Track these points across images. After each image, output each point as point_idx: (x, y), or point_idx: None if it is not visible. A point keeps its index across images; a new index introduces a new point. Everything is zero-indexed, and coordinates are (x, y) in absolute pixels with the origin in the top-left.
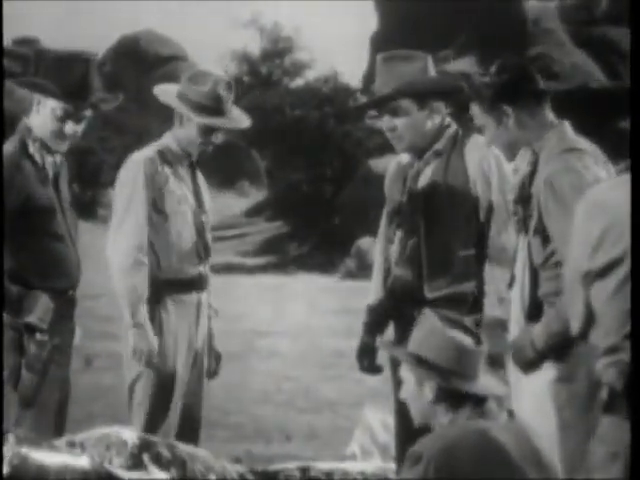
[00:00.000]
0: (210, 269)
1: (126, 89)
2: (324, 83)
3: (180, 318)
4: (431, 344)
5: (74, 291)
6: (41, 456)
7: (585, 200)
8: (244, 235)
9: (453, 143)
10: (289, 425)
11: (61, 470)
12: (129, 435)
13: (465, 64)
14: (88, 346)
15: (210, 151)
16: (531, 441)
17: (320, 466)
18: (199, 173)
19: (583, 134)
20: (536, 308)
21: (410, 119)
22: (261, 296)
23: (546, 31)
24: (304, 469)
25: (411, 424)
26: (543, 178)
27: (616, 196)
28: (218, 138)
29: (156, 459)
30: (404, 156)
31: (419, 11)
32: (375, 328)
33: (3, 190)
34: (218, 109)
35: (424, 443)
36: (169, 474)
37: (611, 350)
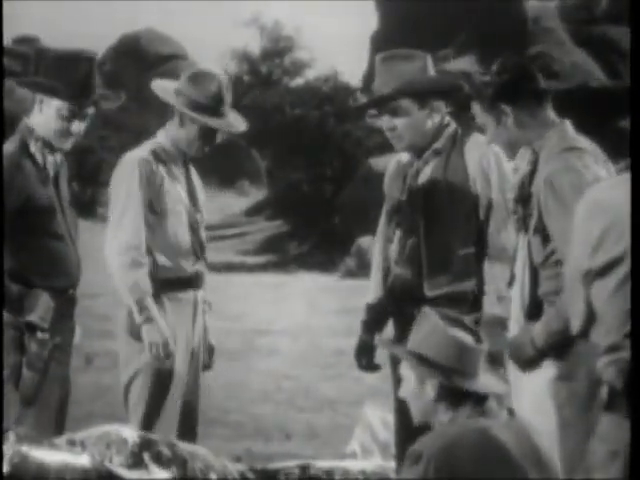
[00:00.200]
0: (210, 268)
1: (126, 88)
2: (324, 82)
3: (177, 316)
4: (432, 342)
5: (74, 290)
6: (41, 454)
7: (585, 199)
8: (244, 234)
9: (453, 142)
10: (289, 424)
11: (61, 468)
12: (129, 433)
13: (465, 63)
14: (88, 345)
15: (207, 151)
16: (531, 439)
17: (320, 464)
18: (193, 171)
19: (583, 133)
20: (536, 307)
21: (410, 118)
22: (261, 295)
23: (546, 30)
24: (304, 467)
25: (411, 422)
26: (543, 177)
27: (616, 195)
28: (217, 139)
29: (156, 458)
30: (404, 155)
31: (419, 11)
32: (374, 326)
33: (3, 190)
34: (216, 110)
35: (424, 442)
36: (169, 473)
37: (611, 349)
